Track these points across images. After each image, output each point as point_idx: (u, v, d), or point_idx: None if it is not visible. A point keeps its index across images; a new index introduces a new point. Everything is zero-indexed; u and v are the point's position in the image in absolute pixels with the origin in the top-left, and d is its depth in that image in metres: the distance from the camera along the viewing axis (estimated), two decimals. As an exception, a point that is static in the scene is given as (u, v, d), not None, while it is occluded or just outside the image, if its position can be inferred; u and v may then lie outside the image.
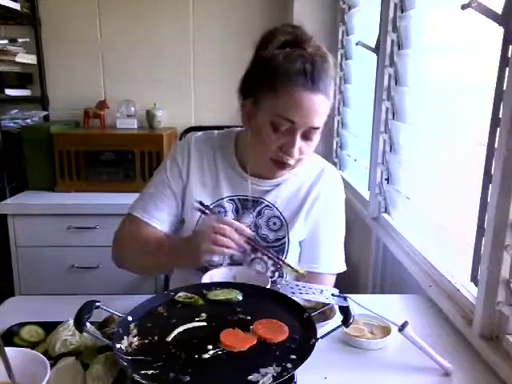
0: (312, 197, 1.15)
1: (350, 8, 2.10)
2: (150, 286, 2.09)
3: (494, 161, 0.87)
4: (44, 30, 2.41)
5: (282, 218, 1.14)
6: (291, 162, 1.04)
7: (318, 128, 1.01)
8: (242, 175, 1.14)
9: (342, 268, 1.18)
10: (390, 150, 1.55)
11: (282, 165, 1.05)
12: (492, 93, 0.87)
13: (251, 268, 1.10)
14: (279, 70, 0.98)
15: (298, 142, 1.00)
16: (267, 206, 1.14)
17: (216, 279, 1.01)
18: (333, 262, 1.17)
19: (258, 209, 1.14)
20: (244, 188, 1.14)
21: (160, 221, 1.13)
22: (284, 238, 1.13)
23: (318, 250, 1.16)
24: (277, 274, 1.14)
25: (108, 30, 2.44)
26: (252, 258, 1.12)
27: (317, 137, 1.04)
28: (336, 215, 1.19)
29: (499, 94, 0.86)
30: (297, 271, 1.04)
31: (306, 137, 1.02)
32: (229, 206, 1.14)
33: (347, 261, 1.19)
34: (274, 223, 1.14)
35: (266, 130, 1.01)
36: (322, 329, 0.84)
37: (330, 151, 2.34)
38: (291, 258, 1.14)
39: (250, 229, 1.11)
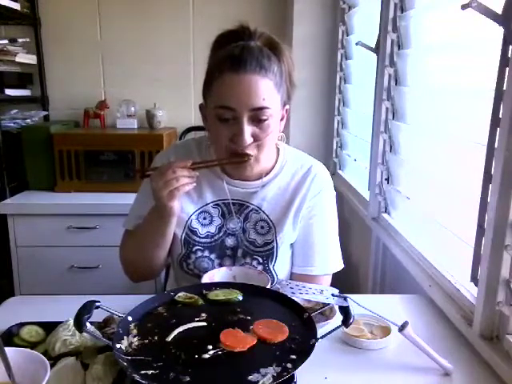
0: (299, 198, 1.12)
1: (350, 8, 2.10)
2: (150, 286, 2.09)
3: (494, 161, 0.87)
4: (44, 30, 2.41)
5: (269, 221, 1.12)
6: (248, 151, 1.00)
7: (262, 108, 0.96)
8: (223, 179, 1.13)
9: (339, 267, 1.16)
10: (390, 150, 1.55)
11: (240, 156, 1.01)
12: (492, 93, 0.87)
13: (252, 268, 1.10)
14: (213, 64, 1.01)
15: (247, 128, 0.97)
16: (254, 209, 1.12)
17: (216, 279, 1.02)
18: (328, 262, 1.15)
19: (245, 213, 1.12)
20: (227, 192, 1.13)
21: None
22: (272, 242, 1.11)
23: (311, 252, 1.13)
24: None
25: (108, 30, 2.45)
26: (241, 264, 1.11)
27: (274, 120, 1.00)
28: (327, 214, 1.15)
29: (499, 94, 0.86)
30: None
31: (257, 121, 0.98)
32: (214, 211, 1.13)
33: (347, 261, 1.18)
34: (262, 227, 1.12)
35: (215, 126, 1.00)
36: (321, 329, 0.84)
37: (330, 151, 2.35)
38: (281, 261, 1.12)
39: (238, 233, 1.12)
